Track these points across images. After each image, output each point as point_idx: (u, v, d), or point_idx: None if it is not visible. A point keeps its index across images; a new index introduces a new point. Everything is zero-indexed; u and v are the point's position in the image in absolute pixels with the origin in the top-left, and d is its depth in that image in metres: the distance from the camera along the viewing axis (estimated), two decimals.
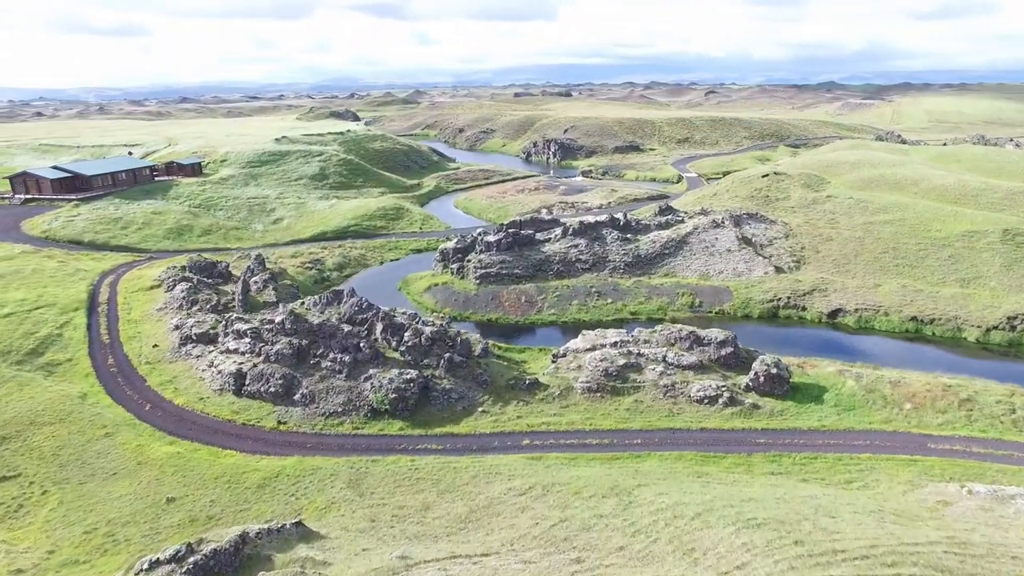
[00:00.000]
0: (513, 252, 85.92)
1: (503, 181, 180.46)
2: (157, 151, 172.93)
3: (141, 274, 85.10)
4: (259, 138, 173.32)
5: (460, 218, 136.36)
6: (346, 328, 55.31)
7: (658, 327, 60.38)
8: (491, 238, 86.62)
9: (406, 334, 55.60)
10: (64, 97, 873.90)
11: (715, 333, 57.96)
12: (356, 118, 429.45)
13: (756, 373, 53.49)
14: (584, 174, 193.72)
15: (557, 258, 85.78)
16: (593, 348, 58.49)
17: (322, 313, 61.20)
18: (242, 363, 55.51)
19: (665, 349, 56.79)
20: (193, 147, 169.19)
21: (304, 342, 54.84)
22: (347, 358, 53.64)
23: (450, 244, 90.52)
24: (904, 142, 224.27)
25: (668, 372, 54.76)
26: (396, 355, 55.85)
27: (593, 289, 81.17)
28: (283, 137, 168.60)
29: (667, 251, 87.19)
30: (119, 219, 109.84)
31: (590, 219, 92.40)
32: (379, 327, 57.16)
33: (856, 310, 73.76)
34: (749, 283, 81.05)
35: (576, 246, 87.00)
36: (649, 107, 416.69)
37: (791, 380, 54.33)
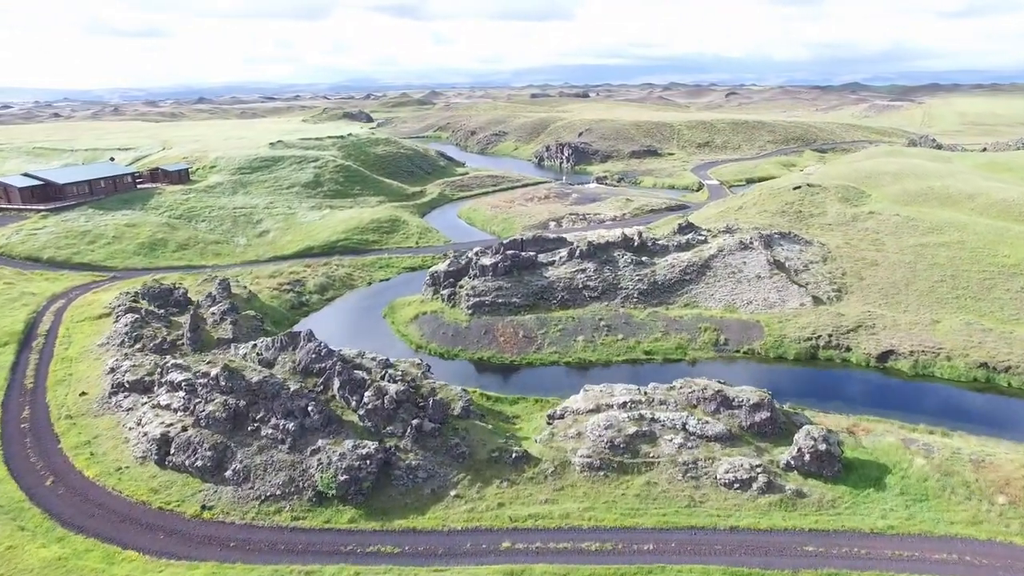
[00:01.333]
0: (511, 277, 75.53)
1: (512, 188, 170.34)
2: (150, 155, 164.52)
3: (94, 299, 75.83)
4: (255, 142, 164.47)
5: (462, 230, 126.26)
6: (293, 386, 45.20)
7: (677, 383, 49.66)
8: (487, 260, 76.34)
9: (366, 393, 45.44)
10: (89, 98, 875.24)
11: (748, 394, 47.20)
12: (369, 119, 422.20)
13: (800, 449, 42.68)
14: (598, 180, 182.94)
15: (561, 284, 75.29)
16: (597, 409, 47.99)
17: (274, 360, 51.30)
18: (171, 425, 45.66)
19: (686, 414, 46.12)
20: (187, 151, 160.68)
21: (242, 403, 44.85)
22: (292, 425, 43.57)
23: (441, 266, 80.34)
24: (940, 147, 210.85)
25: (689, 444, 44.12)
26: (356, 418, 45.71)
27: (602, 322, 70.57)
28: (278, 142, 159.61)
29: (688, 277, 76.36)
30: (87, 232, 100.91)
31: (600, 238, 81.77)
32: (336, 382, 47.05)
33: (911, 352, 62.48)
34: (783, 316, 70.02)
35: (583, 270, 76.45)
36: (668, 109, 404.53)
37: (843, 455, 43.52)
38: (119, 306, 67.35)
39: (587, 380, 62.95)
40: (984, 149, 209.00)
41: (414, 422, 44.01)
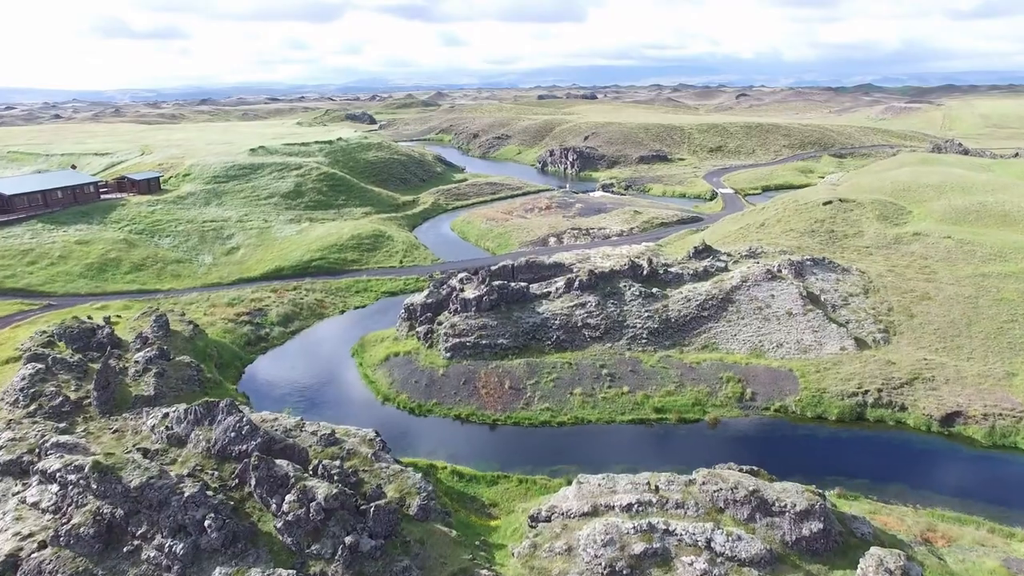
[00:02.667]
0: (498, 314, 64.26)
1: (511, 196, 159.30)
2: (126, 161, 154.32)
3: (10, 337, 65.02)
4: (240, 147, 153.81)
5: (453, 245, 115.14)
6: (188, 490, 34.04)
7: (698, 476, 38.22)
8: (470, 293, 65.15)
9: (288, 497, 34.27)
10: (100, 99, 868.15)
11: (792, 495, 35.73)
12: (372, 121, 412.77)
13: None
14: (604, 188, 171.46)
15: (557, 322, 63.96)
16: (594, 512, 36.68)
17: (186, 436, 40.27)
18: (29, 537, 34.66)
19: (710, 525, 34.73)
20: (165, 157, 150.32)
21: (119, 512, 33.79)
22: (182, 546, 32.46)
23: (418, 298, 69.15)
24: (967, 152, 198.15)
25: (715, 570, 32.77)
26: (274, 528, 34.58)
27: (604, 369, 59.22)
28: (260, 147, 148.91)
29: (706, 313, 64.90)
30: (29, 251, 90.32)
31: (603, 266, 70.43)
32: (252, 479, 35.90)
33: (985, 415, 50.88)
34: (820, 364, 58.50)
35: (583, 305, 65.10)
36: (677, 111, 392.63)
37: None
38: (28, 350, 56.47)
39: (584, 446, 51.84)
40: (1016, 154, 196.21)
41: (347, 540, 32.81)
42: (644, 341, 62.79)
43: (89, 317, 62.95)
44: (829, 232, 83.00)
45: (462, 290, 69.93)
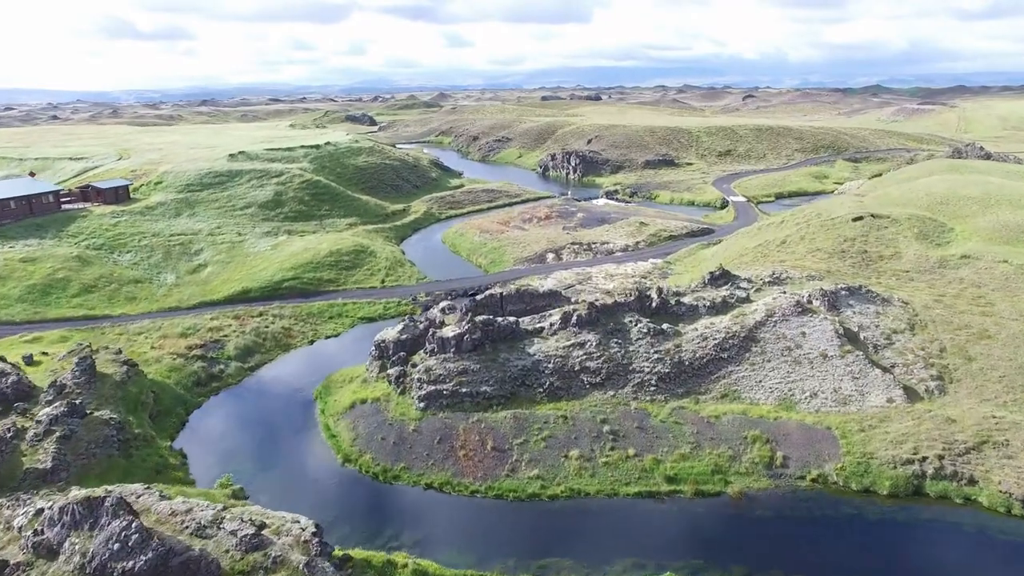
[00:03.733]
0: (482, 355, 54.76)
1: (509, 204, 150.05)
2: (101, 166, 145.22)
3: None
4: (220, 152, 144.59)
5: (443, 261, 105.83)
6: None
7: None
8: (449, 330, 55.63)
9: None
10: (106, 100, 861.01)
11: None
12: (373, 122, 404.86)
13: None
14: (608, 195, 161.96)
15: (551, 365, 54.45)
16: None
17: (59, 544, 30.93)
18: None
19: None
20: (142, 162, 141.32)
21: None
22: None
23: (391, 333, 59.64)
24: (988, 156, 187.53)
25: None
26: None
27: (605, 425, 49.71)
28: (240, 153, 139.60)
29: (726, 353, 55.31)
30: None
31: (606, 296, 60.96)
32: None
33: None
34: (864, 420, 48.88)
35: (582, 345, 55.57)
36: (684, 113, 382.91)
37: None
38: None
39: (581, 528, 42.38)
40: None
41: None
42: (653, 388, 53.25)
43: (2, 358, 53.60)
44: (861, 253, 73.32)
45: (442, 323, 60.56)
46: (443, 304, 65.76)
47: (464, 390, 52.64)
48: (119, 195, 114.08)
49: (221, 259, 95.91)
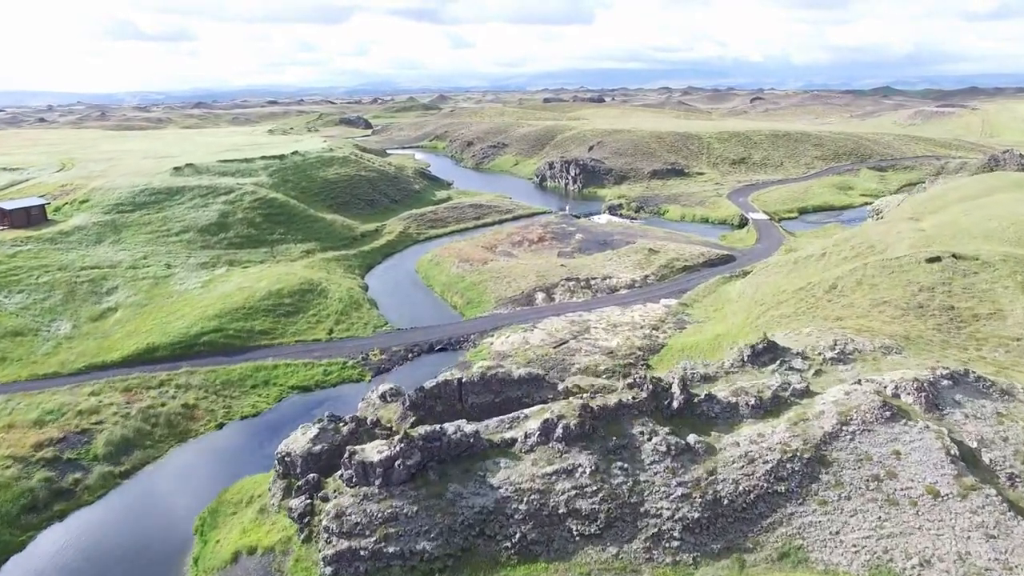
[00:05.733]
0: (422, 490, 36.64)
1: (500, 222, 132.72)
2: (35, 179, 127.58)
3: None
4: (167, 164, 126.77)
5: (412, 298, 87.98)
6: None
7: None
8: (376, 453, 37.29)
9: None
10: (108, 101, 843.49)
11: None
12: (368, 125, 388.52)
13: None
14: (611, 211, 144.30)
15: (523, 506, 36.40)
16: None
17: None
18: None
19: None
20: (82, 174, 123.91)
21: None
22: None
23: (300, 442, 41.48)
24: None
25: None
26: None
27: None
28: (187, 165, 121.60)
29: (783, 485, 37.22)
30: None
31: (609, 343, 43.02)
32: None
33: None
34: None
35: (571, 471, 37.44)
36: (691, 116, 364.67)
37: None
38: None
39: None
40: None
41: None
42: (677, 543, 35.23)
43: None
44: (947, 310, 55.20)
45: (376, 422, 42.71)
46: (383, 388, 47.78)
47: (392, 548, 34.64)
48: (31, 217, 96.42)
49: (136, 301, 78.12)
